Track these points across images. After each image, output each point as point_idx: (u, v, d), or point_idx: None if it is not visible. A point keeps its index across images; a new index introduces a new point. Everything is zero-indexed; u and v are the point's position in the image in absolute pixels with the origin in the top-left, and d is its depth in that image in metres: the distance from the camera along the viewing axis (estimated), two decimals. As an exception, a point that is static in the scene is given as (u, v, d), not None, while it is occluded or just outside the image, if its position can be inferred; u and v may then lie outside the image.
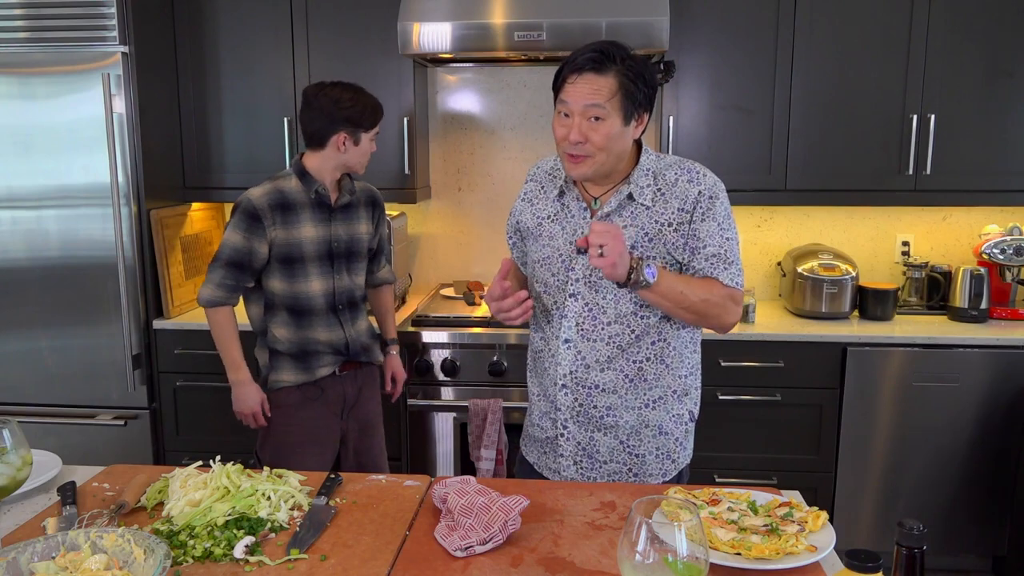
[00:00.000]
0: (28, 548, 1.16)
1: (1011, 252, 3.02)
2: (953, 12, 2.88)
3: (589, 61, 1.55)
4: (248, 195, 2.21)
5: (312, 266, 2.25)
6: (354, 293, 2.35)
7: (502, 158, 3.44)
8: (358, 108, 2.22)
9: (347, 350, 2.33)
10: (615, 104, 1.55)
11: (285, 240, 2.21)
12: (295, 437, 2.30)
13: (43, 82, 2.82)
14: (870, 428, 2.87)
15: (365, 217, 2.37)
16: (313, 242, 2.24)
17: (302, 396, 2.31)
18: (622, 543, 0.99)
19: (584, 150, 1.57)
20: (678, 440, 1.75)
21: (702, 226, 1.62)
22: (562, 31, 2.71)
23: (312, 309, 2.27)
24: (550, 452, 1.77)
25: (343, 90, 2.23)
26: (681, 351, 1.71)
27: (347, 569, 1.26)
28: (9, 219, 2.90)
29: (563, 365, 1.69)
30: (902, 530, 0.92)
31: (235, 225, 2.20)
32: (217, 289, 2.24)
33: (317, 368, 2.31)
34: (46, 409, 2.98)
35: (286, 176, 2.27)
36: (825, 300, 3.01)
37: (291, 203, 2.23)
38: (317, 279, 2.26)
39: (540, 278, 1.74)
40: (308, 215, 2.24)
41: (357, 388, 2.41)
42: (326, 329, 2.29)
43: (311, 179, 2.25)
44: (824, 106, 2.97)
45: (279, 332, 2.28)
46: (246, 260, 2.21)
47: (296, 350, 2.29)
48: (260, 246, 2.20)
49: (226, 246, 2.21)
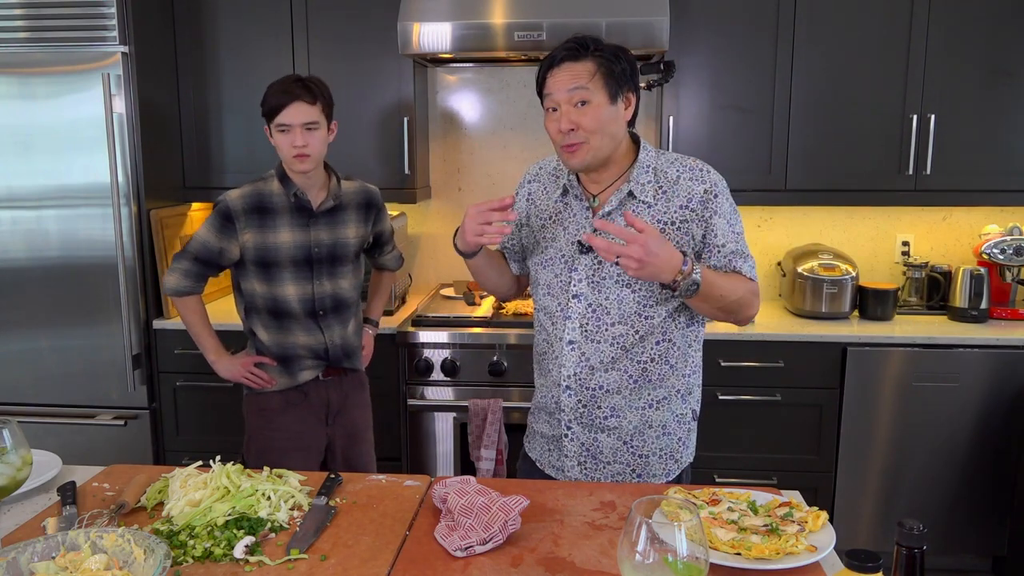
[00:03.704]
0: (28, 548, 1.16)
1: (1011, 252, 3.02)
2: (953, 12, 2.88)
3: (564, 51, 1.60)
4: (226, 196, 2.19)
5: (288, 271, 2.21)
6: (339, 297, 2.29)
7: (502, 158, 3.44)
8: (264, 98, 2.14)
9: (327, 355, 2.29)
10: (597, 83, 1.57)
11: (260, 244, 2.18)
12: (279, 443, 2.28)
13: (43, 82, 2.82)
14: (870, 428, 2.87)
15: (355, 220, 2.30)
16: (290, 247, 2.19)
17: (285, 401, 2.30)
18: (622, 543, 0.99)
19: (577, 137, 1.58)
20: (681, 439, 1.75)
21: (717, 226, 1.62)
22: (562, 31, 2.70)
23: (290, 313, 2.24)
24: (555, 450, 1.77)
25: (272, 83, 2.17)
26: (685, 351, 1.71)
27: (347, 569, 1.26)
28: (9, 219, 2.90)
29: (567, 367, 1.68)
30: (902, 530, 0.92)
31: (210, 223, 2.19)
32: (183, 278, 2.23)
33: (299, 372, 2.28)
34: (46, 409, 2.97)
35: (269, 178, 2.23)
36: (825, 300, 3.01)
37: (268, 206, 2.18)
38: (293, 284, 2.21)
39: (543, 279, 1.73)
40: (286, 219, 2.19)
41: (342, 394, 2.37)
42: (305, 333, 2.26)
43: (291, 182, 2.19)
44: (824, 106, 2.97)
45: (260, 335, 2.28)
46: (214, 258, 2.21)
47: (278, 353, 2.27)
48: (230, 247, 2.19)
49: (197, 240, 2.21)
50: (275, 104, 2.11)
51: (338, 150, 3.14)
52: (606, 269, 1.64)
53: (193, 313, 2.31)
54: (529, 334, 1.86)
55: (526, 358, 2.79)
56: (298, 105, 2.10)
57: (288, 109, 2.10)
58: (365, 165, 3.08)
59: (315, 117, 2.12)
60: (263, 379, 2.29)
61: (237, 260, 2.21)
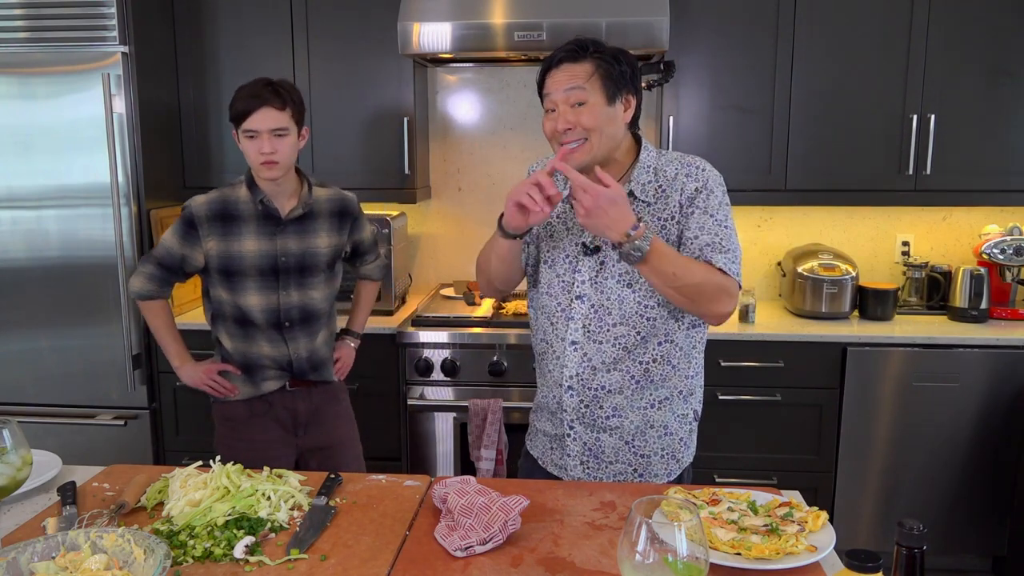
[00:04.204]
0: (28, 548, 1.16)
1: (1011, 252, 3.02)
2: (953, 12, 2.88)
3: (564, 52, 1.61)
4: (191, 201, 2.14)
5: (252, 280, 2.14)
6: (308, 309, 2.20)
7: (502, 158, 3.44)
8: (232, 101, 2.07)
9: (291, 367, 2.21)
10: (595, 84, 1.58)
11: (223, 252, 2.12)
12: (244, 453, 2.10)
13: (43, 82, 2.82)
14: (870, 428, 2.87)
15: (327, 229, 2.20)
16: (255, 256, 2.12)
17: (250, 410, 2.24)
18: (622, 543, 0.99)
19: (576, 135, 1.59)
20: (683, 440, 1.75)
21: (692, 219, 1.61)
22: (562, 31, 2.71)
23: (254, 323, 2.17)
24: (557, 448, 1.77)
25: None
26: (688, 351, 1.71)
27: (347, 569, 1.26)
28: (9, 219, 2.90)
29: (569, 367, 1.68)
30: (902, 530, 0.92)
31: (174, 229, 2.15)
32: (148, 282, 2.19)
33: (262, 382, 2.22)
34: (46, 409, 2.97)
35: (237, 184, 2.16)
36: (825, 300, 3.01)
37: (233, 214, 2.12)
38: (257, 294, 2.14)
39: (544, 279, 1.73)
40: (252, 227, 2.12)
41: (311, 406, 2.28)
42: (269, 344, 2.19)
43: (258, 188, 2.12)
44: (824, 106, 2.98)
45: (225, 343, 2.22)
46: (176, 264, 2.16)
47: (241, 362, 2.21)
48: (194, 254, 2.14)
49: (162, 246, 2.17)
50: (242, 109, 2.04)
51: (338, 150, 3.16)
52: (608, 270, 1.64)
53: (157, 318, 2.26)
54: (529, 334, 1.86)
55: (526, 358, 2.80)
56: (266, 111, 2.02)
57: (256, 114, 2.02)
58: (365, 165, 3.09)
59: (284, 123, 2.04)
60: (226, 388, 2.23)
61: (202, 268, 2.17)
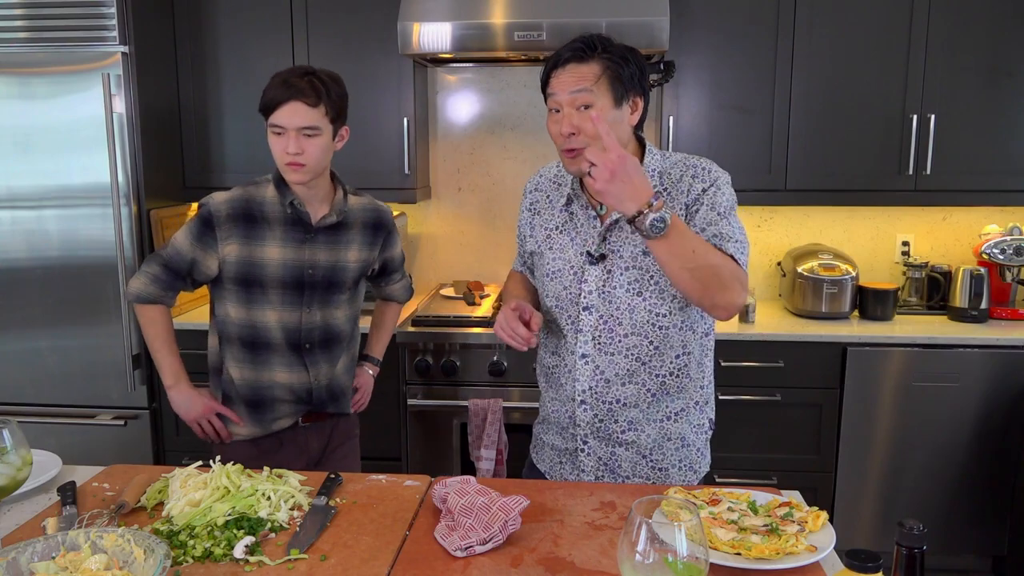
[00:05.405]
0: (28, 548, 1.16)
1: (1011, 252, 3.02)
2: (953, 12, 2.88)
3: (571, 51, 1.54)
4: (210, 198, 1.89)
5: (274, 294, 1.89)
6: (331, 330, 1.96)
7: (502, 158, 3.44)
8: (264, 88, 1.83)
9: (310, 397, 1.97)
10: (602, 87, 1.52)
11: (243, 258, 1.87)
12: None
13: (43, 82, 2.82)
14: (870, 428, 2.87)
15: (359, 242, 1.97)
16: (279, 265, 1.88)
17: (257, 450, 1.97)
18: (622, 543, 0.99)
19: (578, 142, 1.53)
20: (699, 450, 1.73)
21: (699, 215, 1.57)
22: (562, 31, 2.71)
23: (270, 344, 1.91)
24: (567, 463, 1.73)
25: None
26: (701, 360, 1.68)
27: (347, 569, 1.26)
28: (9, 219, 2.90)
29: (581, 381, 1.64)
30: (902, 530, 0.92)
31: (188, 227, 1.90)
32: (150, 284, 1.92)
33: (273, 421, 1.97)
34: (46, 409, 2.97)
35: (263, 183, 1.92)
36: (825, 300, 3.01)
37: (258, 216, 1.88)
38: (277, 309, 1.89)
39: (551, 292, 1.68)
40: (278, 233, 1.88)
41: (324, 441, 2.06)
42: (286, 370, 1.93)
43: (288, 190, 1.88)
44: (824, 106, 2.97)
45: (232, 371, 1.95)
46: (184, 268, 1.90)
47: (250, 395, 1.95)
48: (207, 259, 1.89)
49: (171, 245, 1.91)
50: (270, 100, 1.81)
51: (338, 150, 3.15)
52: (616, 279, 1.60)
53: (153, 326, 1.96)
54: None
55: (526, 358, 2.80)
56: (295, 105, 1.78)
57: (283, 108, 1.79)
58: (365, 165, 3.08)
59: (315, 121, 1.80)
60: (220, 434, 2.00)
61: (214, 276, 1.91)
